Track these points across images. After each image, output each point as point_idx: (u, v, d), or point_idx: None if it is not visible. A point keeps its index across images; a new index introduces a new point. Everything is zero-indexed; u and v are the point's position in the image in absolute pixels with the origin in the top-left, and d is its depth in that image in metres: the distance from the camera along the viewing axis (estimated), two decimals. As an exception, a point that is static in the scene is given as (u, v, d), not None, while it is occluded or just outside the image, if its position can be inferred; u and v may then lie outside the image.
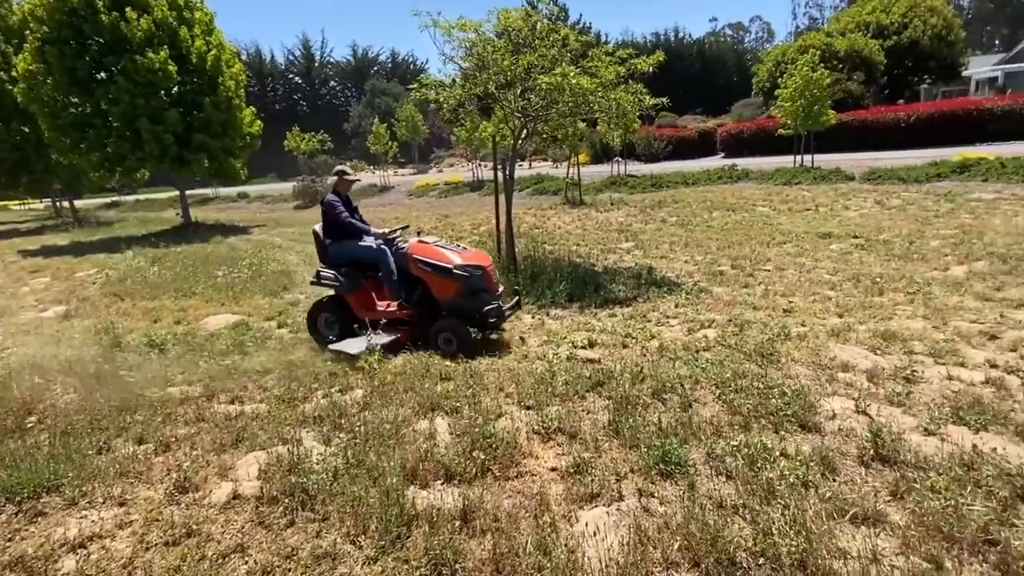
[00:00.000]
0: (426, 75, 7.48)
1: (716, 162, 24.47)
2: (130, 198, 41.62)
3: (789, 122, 18.08)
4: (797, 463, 2.86)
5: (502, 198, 8.04)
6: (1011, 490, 2.57)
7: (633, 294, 6.67)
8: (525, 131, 7.78)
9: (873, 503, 2.54)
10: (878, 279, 6.58)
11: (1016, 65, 30.41)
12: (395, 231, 5.56)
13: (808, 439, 3.13)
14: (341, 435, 3.60)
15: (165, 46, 16.42)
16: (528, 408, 3.77)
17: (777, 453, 2.98)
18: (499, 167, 8.14)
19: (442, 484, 3.02)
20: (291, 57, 77.63)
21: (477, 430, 3.38)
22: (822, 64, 18.99)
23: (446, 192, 24.81)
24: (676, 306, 6.08)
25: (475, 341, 5.08)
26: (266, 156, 40.04)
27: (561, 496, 2.84)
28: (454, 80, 7.65)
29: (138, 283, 9.79)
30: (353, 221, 5.48)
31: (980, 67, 34.17)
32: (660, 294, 6.58)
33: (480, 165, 26.71)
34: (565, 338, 5.28)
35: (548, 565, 2.30)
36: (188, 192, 23.00)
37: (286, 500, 2.91)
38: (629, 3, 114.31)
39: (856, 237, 9.06)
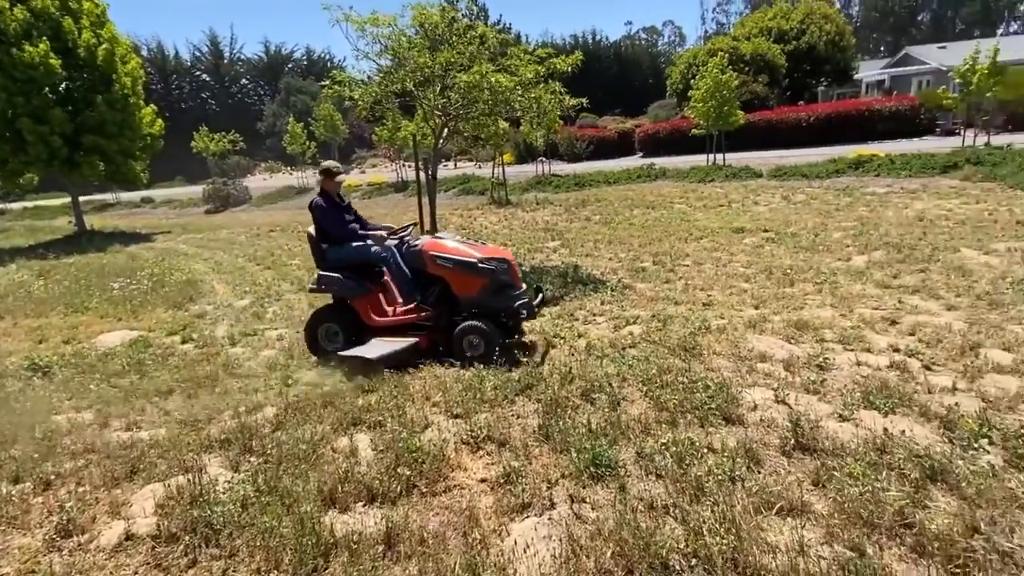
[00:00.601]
0: (339, 71, 7.13)
1: (635, 161, 25.21)
2: (17, 205, 37.75)
3: (702, 122, 18.89)
4: (724, 457, 2.87)
5: (425, 199, 7.81)
6: (921, 471, 2.68)
7: (560, 293, 6.65)
8: (446, 130, 7.60)
9: (797, 494, 2.58)
10: (788, 271, 6.89)
11: (899, 69, 33.28)
12: (403, 228, 5.23)
13: (733, 432, 3.17)
14: (251, 459, 3.31)
15: (46, 38, 14.93)
16: (456, 416, 3.62)
17: (704, 448, 2.99)
18: (421, 167, 7.91)
19: (364, 506, 2.81)
20: (197, 54, 73.18)
21: (402, 444, 3.19)
22: (730, 67, 19.97)
23: (369, 193, 24.16)
24: (602, 303, 6.12)
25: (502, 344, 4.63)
26: (173, 158, 37.54)
27: (491, 509, 2.71)
28: (368, 77, 7.36)
29: (21, 300, 8.82)
30: (347, 228, 5.01)
31: (869, 71, 37.14)
32: (586, 292, 6.60)
33: (404, 165, 26.21)
34: (493, 341, 5.16)
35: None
36: (84, 198, 21.14)
37: (187, 537, 2.62)
38: (548, 5, 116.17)
39: (767, 231, 9.50)
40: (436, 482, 2.94)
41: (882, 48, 68.58)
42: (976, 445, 2.90)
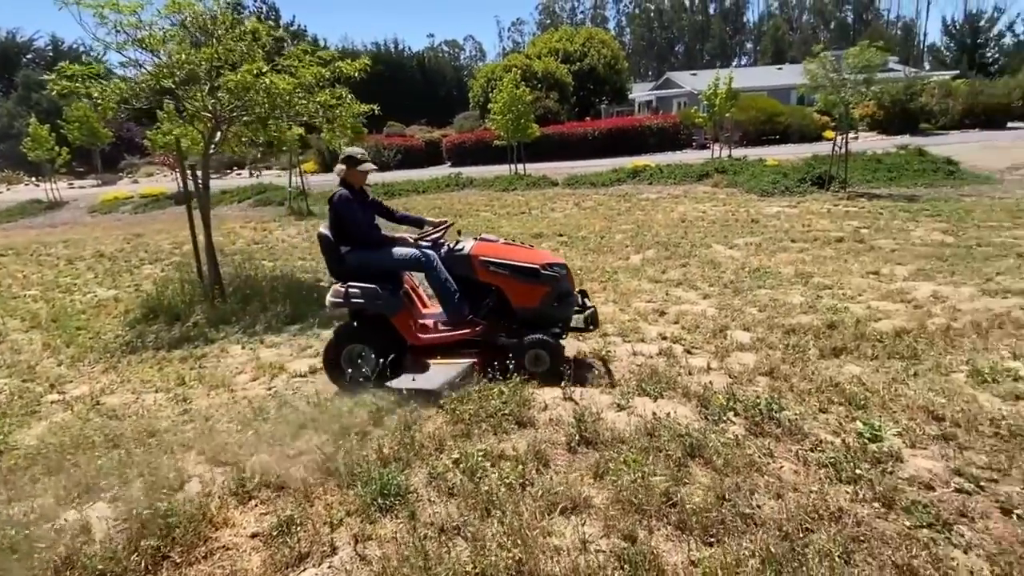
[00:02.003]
0: (70, 64, 5.93)
1: (444, 171, 25.49)
2: None
3: (502, 134, 19.77)
4: (515, 463, 2.86)
5: (197, 212, 6.89)
6: (683, 450, 2.94)
7: (360, 308, 6.31)
8: (219, 134, 6.78)
9: (580, 490, 2.65)
10: (579, 271, 7.38)
11: (663, 91, 38.52)
12: (438, 229, 4.35)
13: (524, 435, 3.19)
14: (-75, 563, 2.49)
15: None
16: (225, 464, 3.14)
17: (497, 456, 2.95)
18: (190, 175, 6.96)
19: (92, 599, 2.26)
20: None
21: (149, 510, 2.65)
22: (524, 83, 21.21)
23: (143, 206, 20.97)
24: (404, 316, 5.92)
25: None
26: None
27: (262, 569, 2.36)
28: (108, 71, 6.25)
29: None
30: (375, 229, 4.18)
31: (640, 92, 42.40)
32: (388, 305, 6.35)
33: (189, 174, 23.23)
34: (283, 368, 4.67)
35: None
36: None
37: None
38: (349, 11, 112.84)
39: (561, 235, 10.15)
40: (194, 548, 2.48)
41: (650, 72, 78.83)
42: (725, 418, 3.29)
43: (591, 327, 4.28)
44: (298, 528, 2.53)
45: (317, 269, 8.57)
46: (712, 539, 2.35)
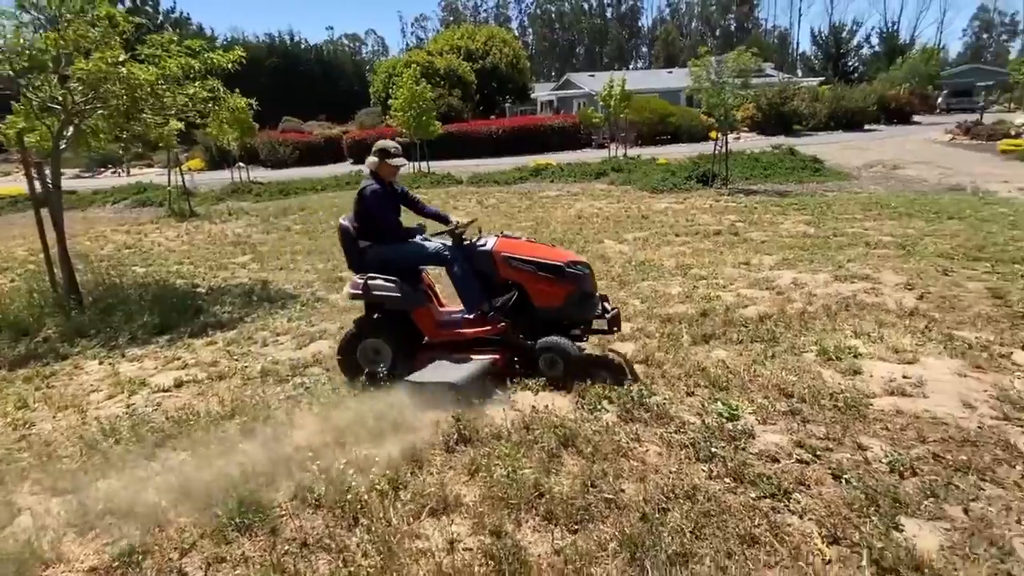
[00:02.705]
0: None
1: (345, 168, 24.71)
2: None
3: (404, 130, 19.43)
4: (387, 471, 2.80)
5: (46, 213, 6.21)
6: (556, 440, 3.00)
7: (241, 314, 5.95)
8: (71, 128, 6.13)
9: (451, 490, 2.63)
10: (476, 269, 7.39)
11: (564, 92, 39.50)
12: (462, 226, 4.14)
13: (402, 439, 3.13)
14: None
15: None
16: (64, 493, 2.83)
17: (369, 464, 2.87)
18: (36, 174, 6.25)
19: None
20: None
21: (-38, 552, 2.33)
22: (425, 80, 20.98)
23: (-5, 210, 18.61)
24: (288, 320, 5.65)
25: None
26: None
27: (97, 605, 2.14)
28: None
29: None
30: (401, 229, 4.09)
31: (542, 91, 43.22)
32: (272, 310, 6.03)
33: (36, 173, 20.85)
34: (144, 383, 4.30)
35: None
36: None
37: None
38: (240, 1, 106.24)
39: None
40: (17, 590, 2.22)
41: (553, 73, 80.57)
42: (599, 407, 3.40)
43: (615, 329, 4.04)
44: (143, 557, 2.33)
45: (195, 275, 8.00)
46: (577, 526, 2.41)
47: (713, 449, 2.88)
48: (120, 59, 5.51)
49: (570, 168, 18.12)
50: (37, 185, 6.33)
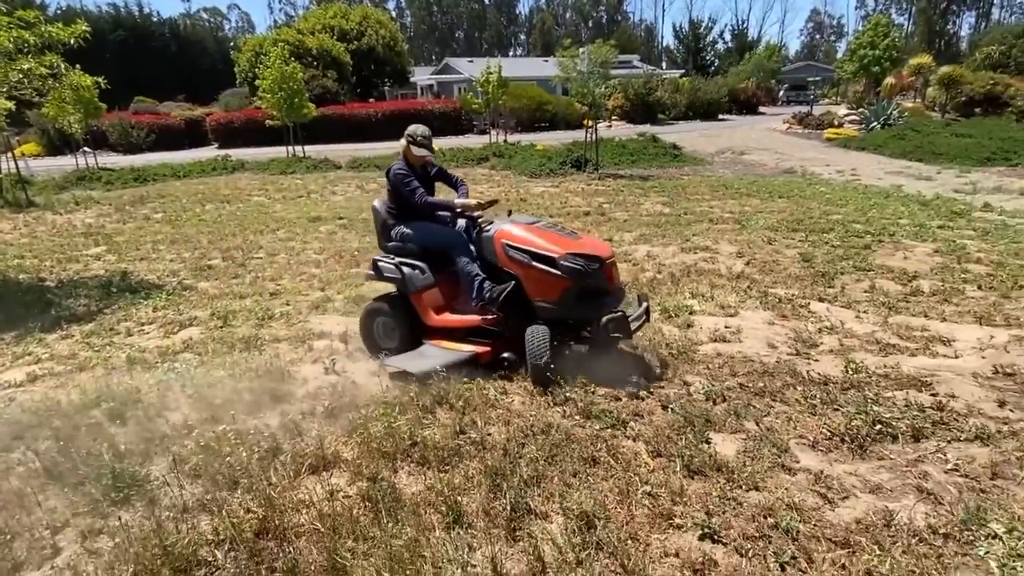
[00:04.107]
0: None
1: (209, 152, 23.02)
2: None
3: (275, 113, 18.48)
4: (265, 437, 2.93)
5: None
6: (431, 399, 3.29)
7: (99, 306, 5.59)
8: None
9: (331, 449, 2.84)
10: (356, 253, 7.44)
11: (444, 76, 39.36)
12: (481, 205, 3.91)
13: (280, 410, 3.26)
14: None
15: None
16: (-95, 491, 2.67)
17: (249, 433, 2.99)
18: None
19: None
20: None
21: None
22: (296, 60, 20.02)
23: None
24: (154, 310, 5.41)
25: (547, 367, 3.39)
26: None
27: (-39, 590, 2.12)
28: None
29: None
30: (433, 201, 3.99)
31: (422, 75, 42.71)
32: (135, 300, 5.72)
33: None
34: (-11, 380, 3.99)
35: None
36: None
37: None
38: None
39: (341, 218, 10.01)
40: None
41: (433, 56, 79.70)
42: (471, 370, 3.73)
43: (613, 333, 3.44)
44: (11, 540, 2.31)
45: (40, 268, 7.29)
46: (447, 466, 2.72)
47: (567, 395, 3.31)
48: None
49: (452, 153, 18.32)
50: None
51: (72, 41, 6.26)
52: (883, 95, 27.45)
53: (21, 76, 5.96)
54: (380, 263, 4.07)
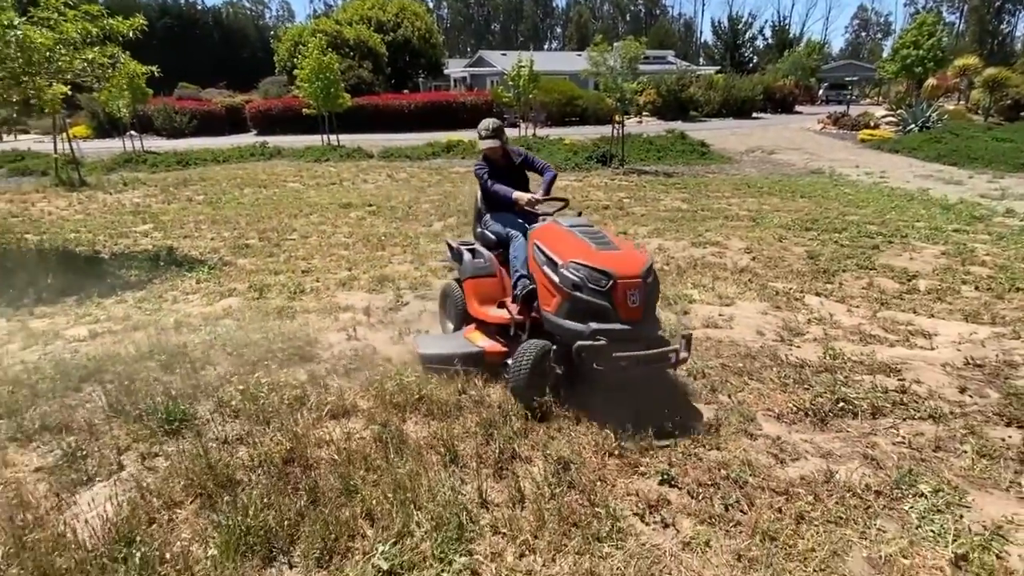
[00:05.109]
0: None
1: (248, 139, 23.86)
2: None
3: (312, 102, 19.12)
4: (294, 388, 3.37)
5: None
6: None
7: (148, 277, 6.15)
8: (-44, 89, 5.99)
9: (348, 400, 3.26)
10: (383, 237, 7.89)
11: (477, 69, 39.75)
12: (537, 199, 3.80)
13: (306, 368, 3.70)
14: None
15: None
16: (-2, 418, 3.18)
17: (279, 385, 3.43)
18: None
19: None
20: None
21: (-90, 460, 2.68)
22: (333, 50, 20.64)
23: None
24: (197, 282, 5.94)
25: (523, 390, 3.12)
26: None
27: (47, 492, 2.59)
28: None
29: None
30: (497, 188, 3.95)
31: (456, 68, 43.20)
32: (180, 273, 6.27)
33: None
34: (58, 335, 4.54)
35: (25, 554, 2.12)
36: None
37: None
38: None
39: (370, 205, 10.50)
40: (-31, 488, 2.61)
41: (468, 48, 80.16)
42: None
43: (588, 361, 2.94)
44: (84, 459, 2.78)
45: (95, 242, 7.93)
46: (449, 418, 3.11)
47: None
48: (15, 22, 5.48)
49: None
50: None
51: (130, 33, 6.83)
52: (923, 96, 26.80)
53: (85, 64, 6.54)
54: (450, 245, 4.24)
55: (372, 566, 2.08)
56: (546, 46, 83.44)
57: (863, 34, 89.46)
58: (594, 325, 2.97)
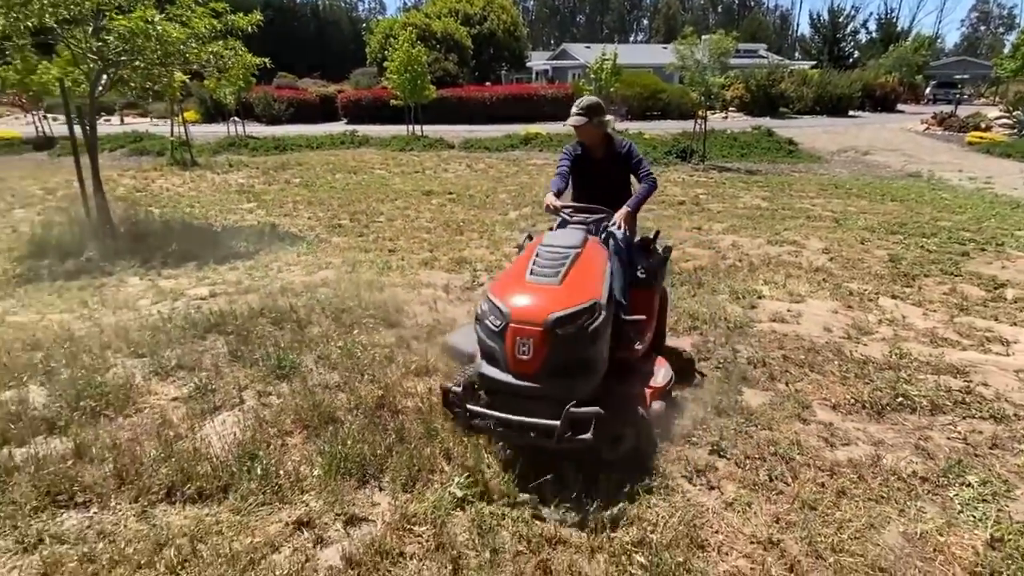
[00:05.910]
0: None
1: (339, 127, 25.20)
2: None
3: (399, 93, 20.00)
4: (384, 348, 3.80)
5: (86, 159, 7.01)
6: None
7: (255, 248, 6.86)
8: (106, 78, 6.90)
9: (429, 363, 3.65)
10: (461, 223, 8.33)
11: (559, 62, 39.83)
12: (575, 207, 3.44)
13: (394, 332, 4.13)
14: None
15: None
16: (141, 356, 3.80)
17: (371, 345, 3.87)
18: (75, 119, 7.03)
19: (44, 438, 2.93)
20: None
21: (82, 383, 3.30)
22: (422, 43, 21.44)
23: (-5, 151, 19.06)
24: (298, 255, 6.58)
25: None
26: None
27: (184, 416, 3.13)
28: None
29: None
30: (554, 182, 3.48)
31: (539, 60, 43.45)
32: (282, 247, 6.95)
33: (46, 118, 21.19)
34: (183, 293, 5.24)
35: (172, 458, 2.64)
36: None
37: None
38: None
39: (451, 193, 11.01)
40: (125, 407, 3.19)
41: (552, 41, 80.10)
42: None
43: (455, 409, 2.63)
44: (212, 392, 3.32)
45: (207, 216, 8.85)
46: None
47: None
48: (155, 18, 6.26)
49: (559, 138, 18.88)
50: (48, 128, 7.10)
51: (249, 28, 7.57)
52: (1046, 96, 24.39)
53: (210, 56, 7.32)
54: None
55: (448, 494, 2.44)
56: (632, 38, 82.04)
57: (982, 28, 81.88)
58: (484, 367, 2.56)
